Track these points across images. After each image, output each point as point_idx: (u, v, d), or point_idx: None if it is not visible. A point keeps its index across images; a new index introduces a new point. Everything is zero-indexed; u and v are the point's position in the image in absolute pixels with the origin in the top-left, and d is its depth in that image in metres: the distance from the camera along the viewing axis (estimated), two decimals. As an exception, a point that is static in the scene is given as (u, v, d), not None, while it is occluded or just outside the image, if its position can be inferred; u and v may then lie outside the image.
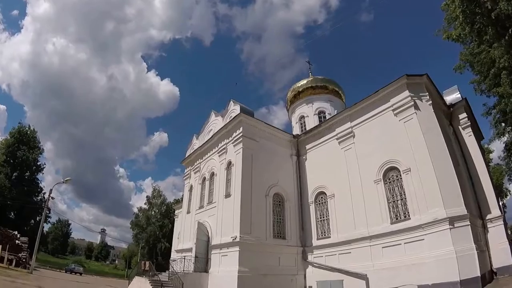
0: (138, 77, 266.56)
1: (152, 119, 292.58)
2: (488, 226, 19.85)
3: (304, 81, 37.77)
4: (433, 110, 19.66)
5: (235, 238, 21.13)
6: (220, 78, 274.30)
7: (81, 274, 52.03)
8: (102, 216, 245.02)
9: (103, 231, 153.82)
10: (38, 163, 61.57)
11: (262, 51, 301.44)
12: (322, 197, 24.68)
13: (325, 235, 23.60)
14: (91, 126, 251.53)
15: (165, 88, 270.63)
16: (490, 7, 12.85)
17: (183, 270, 22.12)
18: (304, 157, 27.29)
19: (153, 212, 71.01)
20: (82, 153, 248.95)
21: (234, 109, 26.43)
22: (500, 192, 42.12)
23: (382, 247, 19.04)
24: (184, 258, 23.04)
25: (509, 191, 47.93)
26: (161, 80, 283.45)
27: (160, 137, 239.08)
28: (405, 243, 18.00)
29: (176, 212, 43.01)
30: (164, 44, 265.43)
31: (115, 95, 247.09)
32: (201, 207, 28.17)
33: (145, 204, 73.43)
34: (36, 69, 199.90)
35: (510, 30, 13.38)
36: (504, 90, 18.72)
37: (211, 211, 25.87)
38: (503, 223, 19.90)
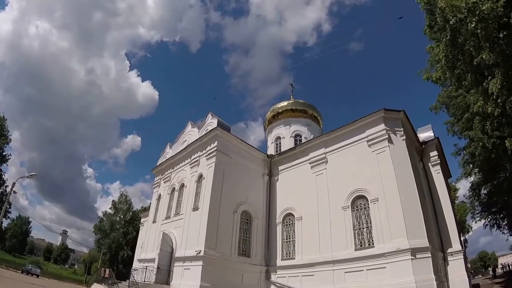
0: (118, 75, 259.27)
1: (127, 120, 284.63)
2: (449, 259, 20.61)
3: (285, 103, 38.46)
4: (405, 145, 20.46)
5: (199, 252, 20.80)
6: (202, 88, 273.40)
7: (38, 276, 49.81)
8: (64, 216, 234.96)
9: (64, 233, 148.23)
10: (4, 153, 58.69)
11: (248, 65, 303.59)
12: (290, 219, 24.85)
13: (289, 256, 23.68)
14: (64, 119, 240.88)
15: (145, 91, 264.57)
16: (473, 55, 13.36)
17: (144, 281, 21.54)
18: (276, 178, 27.48)
19: (118, 218, 69.10)
20: (51, 147, 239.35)
21: (211, 122, 26.37)
22: (462, 228, 43.48)
23: (345, 272, 19.33)
24: (146, 268, 22.47)
25: (471, 227, 49.55)
26: (142, 81, 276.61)
27: (133, 141, 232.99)
28: (367, 269, 18.35)
29: (142, 220, 42.20)
30: (151, 45, 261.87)
31: (93, 90, 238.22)
32: (167, 217, 27.69)
33: (110, 208, 71.33)
34: (14, 50, 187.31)
35: (488, 78, 13.91)
36: (475, 134, 19.54)
37: (178, 222, 25.46)
38: (463, 257, 20.71)
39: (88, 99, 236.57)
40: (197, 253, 20.91)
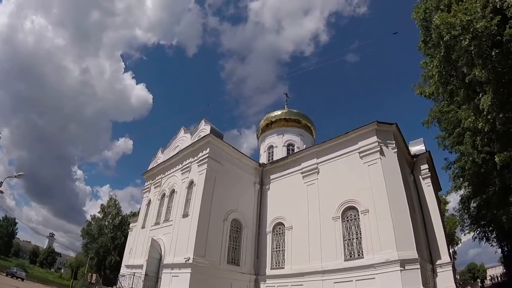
0: (113, 76, 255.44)
1: (120, 123, 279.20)
2: (438, 270, 20.91)
3: (278, 112, 38.68)
4: (397, 158, 20.72)
5: (188, 260, 20.63)
6: (197, 93, 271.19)
7: (23, 279, 49.27)
8: (52, 219, 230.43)
9: (51, 236, 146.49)
10: (-8, 151, 57.70)
11: (244, 72, 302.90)
12: (280, 228, 24.85)
13: (279, 265, 23.65)
14: (55, 118, 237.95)
15: (139, 93, 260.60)
16: (465, 72, 13.57)
17: (132, 287, 21.33)
18: (267, 187, 27.51)
19: (106, 222, 68.23)
20: (41, 147, 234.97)
21: (204, 128, 26.33)
22: (451, 240, 43.87)
23: (334, 282, 19.41)
24: (134, 275, 22.33)
25: (460, 239, 49.96)
26: (137, 84, 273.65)
27: (125, 144, 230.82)
28: (356, 280, 18.46)
29: (130, 225, 41.85)
30: (147, 47, 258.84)
31: (86, 90, 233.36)
32: (157, 223, 27.43)
33: (99, 212, 70.35)
34: (8, 44, 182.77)
35: (480, 94, 14.12)
36: (466, 149, 19.86)
37: (167, 229, 25.25)
38: (451, 268, 21.01)
39: (81, 99, 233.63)
40: (186, 261, 20.74)
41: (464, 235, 37.24)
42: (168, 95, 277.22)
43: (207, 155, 24.28)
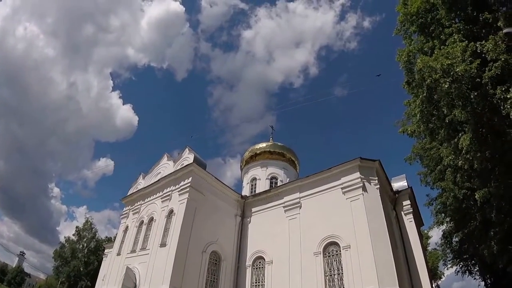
0: (100, 94, 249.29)
1: (102, 142, 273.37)
2: None
3: (263, 144, 38.98)
4: (379, 194, 20.70)
5: (164, 291, 19.90)
6: (183, 118, 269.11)
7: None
8: (23, 236, 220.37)
9: (21, 255, 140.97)
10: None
11: (231, 101, 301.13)
12: (260, 262, 24.36)
13: (258, 300, 23.00)
14: (36, 130, 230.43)
15: (125, 114, 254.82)
16: (446, 112, 13.86)
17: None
18: (248, 219, 27.16)
19: (81, 246, 66.18)
20: (18, 158, 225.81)
21: (187, 157, 26.06)
22: (434, 275, 44.08)
23: (315, 318, 18.95)
24: (106, 304, 21.39)
25: (443, 273, 50.19)
26: (123, 104, 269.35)
27: (106, 165, 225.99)
28: (338, 316, 18.08)
29: (106, 251, 40.60)
30: (137, 68, 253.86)
31: (71, 105, 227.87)
32: (133, 251, 26.49)
33: (74, 235, 68.39)
34: None
35: (460, 134, 14.41)
36: (447, 185, 20.22)
37: (143, 257, 24.39)
38: None
39: (65, 114, 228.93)
40: (161, 292, 20.02)
41: (447, 269, 37.81)
42: (154, 119, 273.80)
43: (189, 184, 23.90)
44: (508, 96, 12.03)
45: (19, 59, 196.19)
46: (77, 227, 70.02)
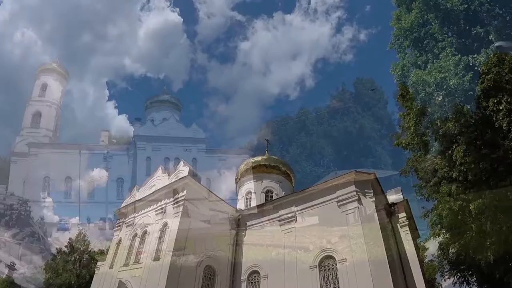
0: (96, 103, 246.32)
1: (96, 153, 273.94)
2: None
3: (259, 158, 38.68)
4: (375, 207, 20.68)
5: (157, 306, 19.60)
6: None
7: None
8: (14, 246, 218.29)
9: (12, 265, 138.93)
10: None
11: (227, 112, 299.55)
12: (255, 276, 24.04)
13: (253, 315, 22.72)
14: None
15: (120, 124, 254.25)
16: (439, 125, 13.92)
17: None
18: (243, 233, 26.90)
19: (73, 258, 65.17)
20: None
21: (182, 170, 25.87)
22: (431, 286, 43.70)
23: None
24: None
25: (441, 285, 50.07)
26: (118, 114, 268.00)
27: (100, 175, 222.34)
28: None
29: (98, 264, 39.80)
30: (134, 78, 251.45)
31: (65, 114, 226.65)
32: (126, 264, 26.06)
33: (66, 246, 67.45)
34: None
35: (453, 146, 14.44)
36: (442, 197, 20.02)
37: (136, 271, 24.00)
38: None
39: (59, 122, 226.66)
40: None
41: (444, 280, 37.52)
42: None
43: (183, 197, 23.74)
44: (501, 108, 12.10)
45: (15, 65, 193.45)
46: (70, 238, 69.08)
